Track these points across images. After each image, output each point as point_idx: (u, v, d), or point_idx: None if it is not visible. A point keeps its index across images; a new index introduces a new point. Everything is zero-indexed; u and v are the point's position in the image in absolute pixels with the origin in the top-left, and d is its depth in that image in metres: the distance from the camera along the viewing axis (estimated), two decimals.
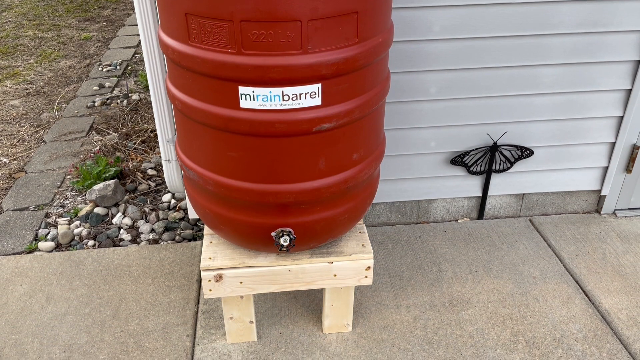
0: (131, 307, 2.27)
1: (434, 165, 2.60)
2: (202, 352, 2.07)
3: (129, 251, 2.58)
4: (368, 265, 1.94)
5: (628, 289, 2.33)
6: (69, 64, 5.00)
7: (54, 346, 2.10)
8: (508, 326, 2.17)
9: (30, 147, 3.59)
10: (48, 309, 2.27)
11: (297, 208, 1.72)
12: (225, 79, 1.49)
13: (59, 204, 3.00)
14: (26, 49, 5.36)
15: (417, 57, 2.30)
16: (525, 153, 2.57)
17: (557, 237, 2.65)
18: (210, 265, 1.88)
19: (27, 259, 2.54)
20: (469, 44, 2.30)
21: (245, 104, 1.51)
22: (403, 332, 2.15)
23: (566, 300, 2.29)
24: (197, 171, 1.74)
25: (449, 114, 2.46)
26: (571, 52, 2.35)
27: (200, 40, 1.47)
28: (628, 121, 2.54)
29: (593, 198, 2.81)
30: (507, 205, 2.78)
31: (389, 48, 1.68)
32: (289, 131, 1.55)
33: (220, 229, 1.85)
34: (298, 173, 1.64)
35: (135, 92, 4.35)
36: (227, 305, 2.00)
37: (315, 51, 1.45)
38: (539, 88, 2.43)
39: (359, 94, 1.61)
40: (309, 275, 1.92)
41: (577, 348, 2.07)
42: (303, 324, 2.18)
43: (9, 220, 2.85)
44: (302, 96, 1.51)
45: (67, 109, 4.10)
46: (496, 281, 2.39)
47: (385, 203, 2.70)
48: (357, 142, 1.70)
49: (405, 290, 2.34)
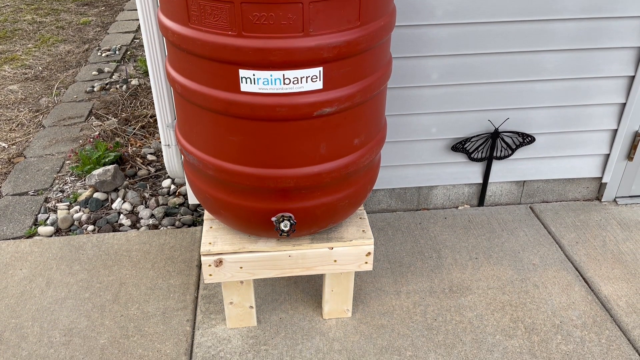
0: (131, 292, 2.27)
1: (434, 151, 2.58)
2: (202, 336, 2.07)
3: (129, 236, 2.58)
4: (368, 251, 1.93)
5: (628, 276, 2.34)
6: (68, 49, 4.97)
7: (54, 330, 2.11)
8: (507, 312, 2.18)
9: (29, 132, 3.57)
10: (48, 294, 2.27)
11: (298, 193, 1.71)
12: (226, 61, 1.47)
13: (59, 188, 2.99)
14: (25, 34, 5.32)
15: (419, 42, 2.28)
16: (527, 140, 2.56)
17: (558, 224, 2.65)
18: (210, 250, 1.87)
19: (27, 244, 2.53)
20: (472, 29, 2.27)
21: (246, 87, 1.50)
22: (403, 317, 2.15)
23: (566, 287, 2.29)
24: (197, 156, 1.73)
25: (451, 100, 2.44)
26: (574, 38, 2.33)
27: (200, 22, 1.46)
28: (630, 108, 2.52)
29: (594, 185, 2.80)
30: (508, 192, 2.77)
31: (391, 32, 1.66)
32: (289, 115, 1.54)
33: (221, 214, 1.84)
34: (299, 158, 1.63)
35: (134, 77, 4.33)
36: (227, 290, 2.01)
37: (316, 34, 1.43)
38: (542, 74, 2.41)
39: (361, 78, 1.59)
40: (309, 261, 1.92)
41: (577, 334, 2.08)
42: (303, 310, 2.18)
43: (8, 204, 2.84)
44: (303, 80, 1.49)
45: (66, 94, 4.07)
46: (496, 268, 2.39)
47: (385, 189, 2.69)
48: (359, 127, 1.69)
49: (405, 277, 2.34)
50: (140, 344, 2.05)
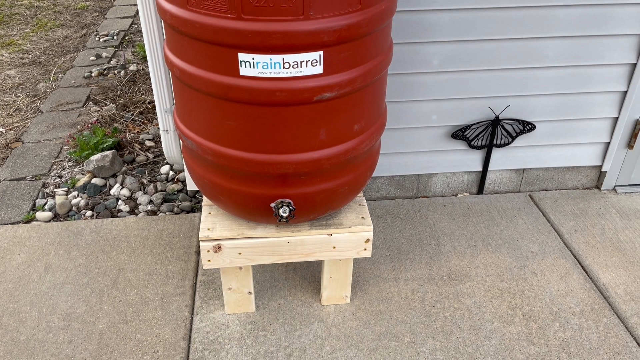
0: (130, 277, 2.27)
1: (434, 139, 2.57)
2: (201, 322, 2.08)
3: (127, 222, 2.57)
4: (367, 237, 1.93)
5: (626, 264, 2.34)
6: (66, 34, 4.93)
7: (52, 315, 2.11)
8: (506, 300, 2.18)
9: (26, 117, 3.55)
10: (46, 279, 2.27)
11: (297, 179, 1.70)
12: (225, 45, 1.46)
13: (56, 174, 2.97)
14: (22, 18, 5.27)
15: (419, 27, 2.26)
16: (527, 127, 2.55)
17: (557, 212, 2.64)
18: (209, 235, 1.87)
19: (25, 229, 2.53)
20: (473, 15, 2.25)
21: (245, 71, 1.48)
22: (401, 304, 2.15)
23: (564, 275, 2.29)
24: (195, 141, 1.72)
25: (451, 87, 2.43)
26: (576, 25, 2.31)
27: (199, 4, 1.44)
28: (632, 96, 2.51)
29: (593, 174, 2.79)
30: (507, 180, 2.77)
31: (392, 16, 1.64)
32: (289, 100, 1.53)
33: (219, 200, 1.83)
34: (298, 143, 1.62)
35: (132, 62, 4.29)
36: (226, 276, 2.00)
37: (317, 17, 1.41)
38: (543, 61, 2.39)
39: (361, 63, 1.58)
40: (308, 247, 1.92)
41: (574, 322, 2.08)
42: (301, 296, 2.18)
43: (5, 190, 2.83)
44: (303, 64, 1.47)
45: (63, 79, 4.04)
46: (495, 255, 2.39)
47: (385, 177, 2.68)
48: (359, 112, 1.68)
49: (404, 264, 2.34)
50: (138, 329, 2.05)
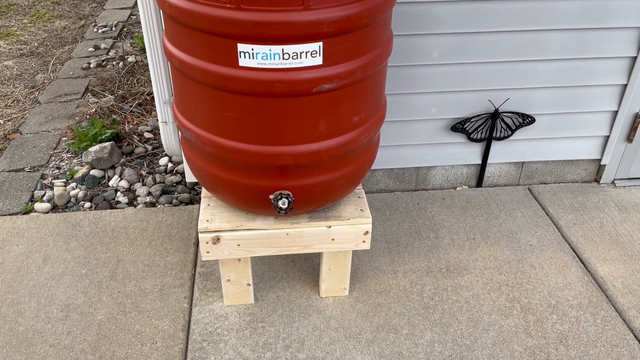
0: (128, 269, 2.27)
1: (434, 131, 2.57)
2: (200, 313, 2.08)
3: (126, 213, 2.57)
4: (366, 230, 1.93)
5: (624, 258, 2.34)
6: (64, 25, 4.90)
7: (51, 306, 2.11)
8: (504, 292, 2.18)
9: (25, 108, 3.54)
10: (45, 270, 2.26)
11: (296, 171, 1.69)
12: (224, 35, 1.45)
13: (55, 165, 2.97)
14: (20, 9, 5.24)
15: (420, 19, 2.25)
16: (527, 120, 2.54)
17: (556, 205, 2.65)
18: (208, 227, 1.87)
19: (23, 220, 2.52)
20: (474, 7, 2.24)
21: (244, 62, 1.48)
22: (399, 296, 2.16)
23: (562, 268, 2.29)
24: (194, 132, 1.71)
25: (451, 80, 2.42)
26: (577, 17, 2.30)
27: None
28: (631, 90, 2.50)
29: (593, 167, 2.79)
30: (507, 173, 2.76)
31: (392, 7, 1.63)
32: (288, 91, 1.52)
33: (218, 191, 1.83)
34: (297, 135, 1.62)
35: (131, 54, 4.27)
36: (225, 268, 2.00)
37: (316, 7, 1.41)
38: (543, 54, 2.38)
39: (361, 55, 1.57)
40: (307, 239, 1.92)
41: (572, 314, 2.09)
42: (300, 288, 2.19)
43: (4, 181, 2.83)
44: (303, 55, 1.47)
45: (62, 70, 4.03)
46: (493, 248, 2.39)
47: (384, 170, 2.68)
48: (358, 104, 1.67)
49: (403, 256, 2.34)
50: (137, 320, 2.05)
